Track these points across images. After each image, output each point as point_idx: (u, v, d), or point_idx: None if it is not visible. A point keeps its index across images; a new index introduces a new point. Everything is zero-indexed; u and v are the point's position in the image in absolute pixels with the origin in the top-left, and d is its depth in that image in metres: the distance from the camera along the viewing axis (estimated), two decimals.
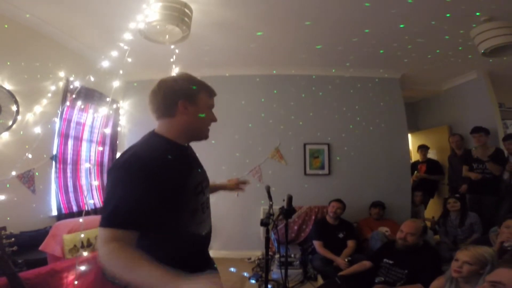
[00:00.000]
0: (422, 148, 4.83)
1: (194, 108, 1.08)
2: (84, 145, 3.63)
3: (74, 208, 3.28)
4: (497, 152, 3.65)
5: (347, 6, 2.65)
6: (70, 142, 3.37)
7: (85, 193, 3.53)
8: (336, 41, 3.38)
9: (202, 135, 1.15)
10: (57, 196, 3.10)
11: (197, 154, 1.26)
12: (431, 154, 5.03)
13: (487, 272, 1.52)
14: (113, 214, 0.86)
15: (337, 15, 2.82)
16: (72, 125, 3.41)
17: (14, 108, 2.64)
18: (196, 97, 1.09)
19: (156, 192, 0.91)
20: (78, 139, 3.51)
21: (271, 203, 2.24)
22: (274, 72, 4.30)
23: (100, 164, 3.94)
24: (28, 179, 2.79)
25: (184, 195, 1.02)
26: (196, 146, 1.26)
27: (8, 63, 2.57)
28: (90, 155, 3.74)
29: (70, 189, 3.31)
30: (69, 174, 3.32)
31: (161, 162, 0.96)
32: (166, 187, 0.94)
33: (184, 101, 1.06)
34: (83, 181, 3.55)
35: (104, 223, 0.85)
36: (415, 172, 4.74)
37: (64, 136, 3.27)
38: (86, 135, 3.66)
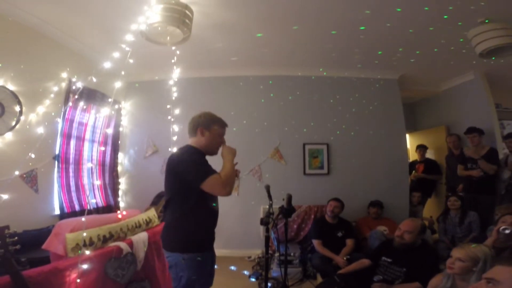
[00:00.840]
0: (421, 148, 4.83)
1: (208, 133, 1.71)
2: (86, 145, 3.63)
3: (77, 207, 3.28)
4: (490, 152, 3.66)
5: (345, 8, 2.65)
6: (73, 142, 3.37)
7: (87, 192, 3.53)
8: (335, 42, 3.37)
9: (211, 151, 1.75)
10: (60, 196, 3.11)
11: None
12: (429, 154, 5.03)
13: (478, 269, 1.53)
14: (206, 170, 1.54)
15: (336, 17, 2.82)
16: (75, 125, 3.41)
17: (17, 108, 2.64)
18: (210, 126, 1.72)
19: (205, 162, 1.62)
20: (80, 139, 3.51)
21: (270, 202, 2.24)
22: (274, 73, 4.31)
23: (102, 164, 3.95)
24: (31, 179, 2.79)
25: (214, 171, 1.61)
26: None
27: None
28: (92, 155, 3.74)
29: (73, 188, 3.31)
30: (71, 174, 3.32)
31: (198, 154, 1.65)
32: (203, 168, 1.57)
33: (201, 128, 1.70)
34: (85, 180, 3.56)
35: (206, 177, 1.50)
36: (413, 171, 4.74)
37: (67, 136, 3.28)
38: (88, 135, 3.66)
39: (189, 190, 1.55)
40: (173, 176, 1.61)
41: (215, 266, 1.94)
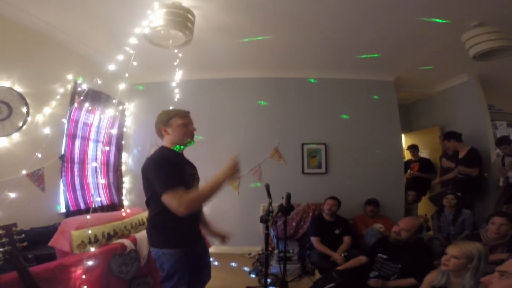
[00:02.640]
0: (413, 148, 4.82)
1: (170, 129, 1.66)
2: (91, 145, 3.63)
3: (82, 206, 3.28)
4: (469, 153, 3.67)
5: (343, 12, 2.65)
6: (77, 142, 3.36)
7: (92, 191, 3.52)
8: (332, 45, 3.38)
9: (183, 143, 1.69)
10: (65, 194, 3.10)
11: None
12: (424, 154, 5.03)
13: (473, 266, 1.53)
14: (168, 181, 1.43)
15: (333, 21, 2.82)
16: (80, 125, 3.40)
17: (24, 109, 2.64)
18: (169, 122, 1.66)
19: (172, 170, 1.50)
20: (85, 139, 3.50)
21: (270, 200, 2.24)
22: (274, 75, 4.31)
23: (106, 163, 3.94)
24: (37, 178, 2.79)
25: (183, 177, 1.56)
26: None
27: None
28: (96, 154, 3.73)
29: (78, 187, 3.31)
30: (76, 173, 3.32)
31: (168, 158, 1.57)
32: (175, 170, 1.52)
33: (163, 127, 1.67)
34: (90, 179, 3.55)
35: (166, 189, 1.41)
36: (408, 170, 4.75)
37: (72, 136, 3.27)
38: (92, 135, 3.66)
39: None
40: (145, 179, 1.56)
41: (216, 263, 1.94)
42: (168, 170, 1.49)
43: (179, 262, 1.56)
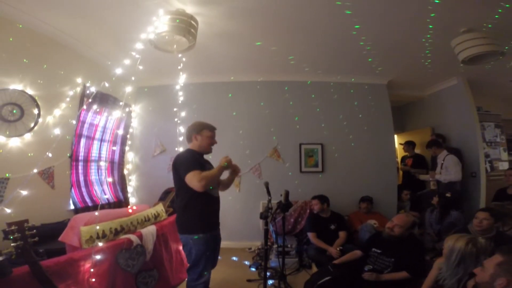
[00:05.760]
0: (406, 144, 4.80)
1: (200, 137, 2.01)
2: (95, 144, 3.60)
3: (89, 203, 3.27)
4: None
5: (338, 19, 2.65)
6: (83, 141, 3.35)
7: (96, 187, 3.50)
8: (328, 50, 3.38)
9: (206, 150, 2.05)
10: (72, 191, 3.09)
11: None
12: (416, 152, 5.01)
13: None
14: (190, 166, 1.77)
15: (330, 27, 2.82)
16: (86, 126, 3.38)
17: (35, 111, 2.64)
18: (200, 131, 2.01)
19: (194, 160, 1.86)
20: (90, 139, 3.48)
21: (269, 198, 2.25)
22: (273, 78, 4.30)
23: (111, 162, 3.93)
24: (48, 176, 2.79)
25: (203, 167, 1.86)
26: None
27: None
28: (100, 153, 3.71)
29: (82, 184, 3.29)
30: (80, 171, 3.29)
31: (191, 153, 1.95)
32: (196, 161, 1.86)
33: (195, 134, 2.00)
34: (93, 177, 3.52)
35: (188, 171, 1.75)
36: (402, 164, 4.76)
37: (78, 136, 3.26)
38: (97, 135, 3.63)
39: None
40: (175, 171, 1.85)
41: (219, 257, 2.01)
42: (191, 160, 1.83)
43: (205, 246, 1.80)
